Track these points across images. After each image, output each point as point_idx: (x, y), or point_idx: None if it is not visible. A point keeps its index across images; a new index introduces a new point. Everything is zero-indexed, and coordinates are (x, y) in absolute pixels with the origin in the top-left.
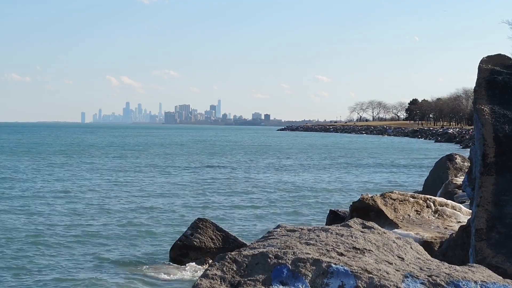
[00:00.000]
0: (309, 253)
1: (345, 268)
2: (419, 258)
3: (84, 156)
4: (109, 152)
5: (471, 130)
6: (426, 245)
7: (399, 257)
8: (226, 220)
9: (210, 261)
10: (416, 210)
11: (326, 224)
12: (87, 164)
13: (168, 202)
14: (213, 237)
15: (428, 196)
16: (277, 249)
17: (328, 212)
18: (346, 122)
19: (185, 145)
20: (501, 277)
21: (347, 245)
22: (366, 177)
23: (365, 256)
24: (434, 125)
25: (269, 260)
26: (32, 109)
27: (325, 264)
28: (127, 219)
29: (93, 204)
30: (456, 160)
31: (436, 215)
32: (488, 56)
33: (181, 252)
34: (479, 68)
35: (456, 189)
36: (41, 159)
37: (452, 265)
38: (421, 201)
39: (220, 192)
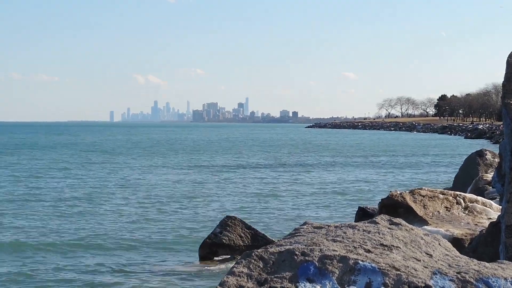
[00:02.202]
0: (336, 250)
1: (373, 265)
2: (447, 255)
3: (128, 155)
4: (153, 152)
5: (501, 125)
6: (456, 242)
7: (427, 254)
8: (254, 218)
9: (238, 258)
10: (446, 207)
11: (354, 221)
12: (118, 163)
13: (197, 201)
14: (242, 234)
15: (458, 193)
16: (304, 246)
17: (356, 209)
18: (374, 119)
19: (215, 143)
20: None
21: (374, 241)
22: (395, 174)
23: (393, 253)
24: (463, 121)
25: (295, 257)
26: (61, 109)
27: (352, 261)
28: (156, 218)
29: (121, 203)
30: (486, 156)
31: (466, 212)
32: None
33: (210, 250)
34: (508, 62)
35: (487, 185)
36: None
37: (482, 262)
38: (451, 198)
39: (248, 190)
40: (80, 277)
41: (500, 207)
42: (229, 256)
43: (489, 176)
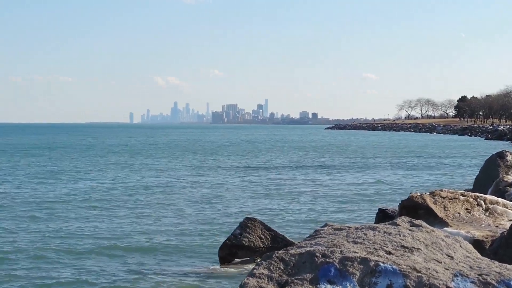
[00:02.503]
0: (356, 252)
1: (394, 266)
2: (468, 257)
3: (147, 156)
4: (175, 152)
5: None
6: (477, 243)
7: (448, 256)
8: (274, 219)
9: (259, 260)
10: (467, 209)
11: (375, 223)
12: (142, 164)
13: (216, 202)
14: (262, 236)
15: (479, 194)
16: (324, 248)
17: (376, 210)
18: (394, 120)
19: (234, 144)
20: None
21: (395, 243)
22: (415, 175)
23: (414, 254)
24: (483, 122)
25: (316, 259)
26: (81, 111)
27: (373, 263)
28: (175, 220)
29: (140, 204)
30: (507, 158)
31: (487, 213)
32: None
33: (230, 252)
34: None
35: (507, 187)
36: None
37: (503, 264)
38: (471, 199)
39: (268, 191)
40: (98, 280)
41: None
42: (249, 258)
43: (510, 177)
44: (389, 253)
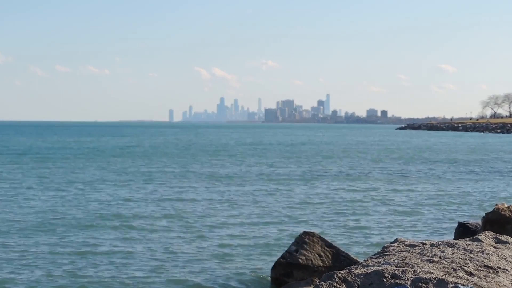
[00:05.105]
0: (432, 272)
1: None
2: None
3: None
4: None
5: None
6: None
7: None
8: (335, 234)
9: (317, 281)
10: None
11: (454, 239)
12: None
13: (268, 214)
14: (322, 253)
15: None
16: (394, 267)
17: (456, 225)
18: (477, 119)
19: (293, 145)
20: None
21: (477, 262)
22: (500, 185)
23: (499, 276)
24: None
25: (384, 280)
26: (112, 106)
27: (452, 285)
28: (222, 234)
29: (184, 215)
30: None
31: None
32: None
33: (285, 272)
34: None
35: None
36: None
37: None
38: None
39: (328, 202)
40: None
41: None
42: (306, 278)
43: None
44: (470, 274)
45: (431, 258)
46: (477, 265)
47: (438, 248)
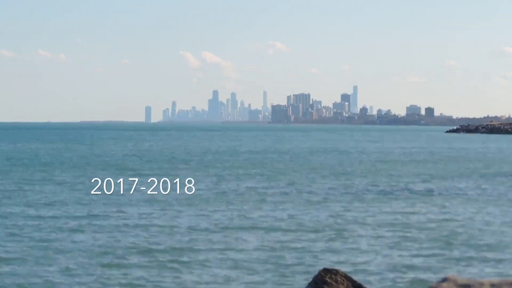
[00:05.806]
0: None
1: None
2: None
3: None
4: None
5: None
6: None
7: None
8: (364, 271)
9: None
10: None
11: None
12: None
13: (280, 242)
14: None
15: None
16: None
17: None
18: None
19: (314, 153)
20: None
21: None
22: None
23: None
24: None
25: None
26: (71, 103)
27: None
28: (229, 263)
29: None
30: None
31: None
32: None
33: None
34: None
35: None
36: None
37: None
38: None
39: (354, 230)
40: None
41: None
42: None
43: None
44: None
45: None
46: None
47: None
